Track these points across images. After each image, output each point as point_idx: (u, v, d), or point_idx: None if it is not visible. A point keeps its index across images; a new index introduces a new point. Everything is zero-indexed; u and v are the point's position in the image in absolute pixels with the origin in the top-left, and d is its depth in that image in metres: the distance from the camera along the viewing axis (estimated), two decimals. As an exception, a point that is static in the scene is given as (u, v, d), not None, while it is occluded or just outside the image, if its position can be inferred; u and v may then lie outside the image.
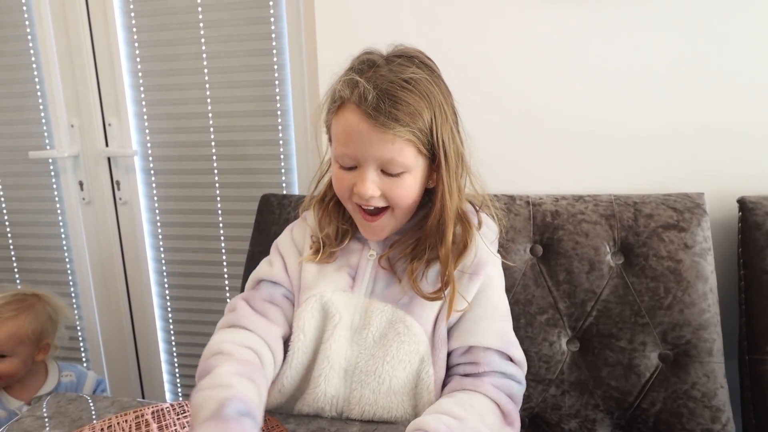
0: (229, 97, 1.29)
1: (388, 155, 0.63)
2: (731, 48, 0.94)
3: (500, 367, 0.67)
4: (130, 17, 1.30)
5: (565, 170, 1.03)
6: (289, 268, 0.75)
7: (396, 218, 0.69)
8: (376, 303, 0.70)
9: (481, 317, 0.68)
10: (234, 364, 0.62)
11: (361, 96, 0.61)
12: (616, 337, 0.89)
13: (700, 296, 0.87)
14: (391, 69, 0.63)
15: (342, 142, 0.65)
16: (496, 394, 0.65)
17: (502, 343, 0.68)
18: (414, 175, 0.66)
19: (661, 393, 0.86)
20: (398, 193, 0.66)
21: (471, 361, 0.67)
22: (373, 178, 0.65)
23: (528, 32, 1.00)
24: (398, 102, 0.61)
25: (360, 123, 0.62)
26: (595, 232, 0.91)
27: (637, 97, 0.98)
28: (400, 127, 0.61)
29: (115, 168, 1.40)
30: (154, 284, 1.47)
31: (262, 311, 0.71)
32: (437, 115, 0.64)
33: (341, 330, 0.70)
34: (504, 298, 0.73)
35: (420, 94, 0.63)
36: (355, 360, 0.69)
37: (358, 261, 0.73)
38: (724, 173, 0.97)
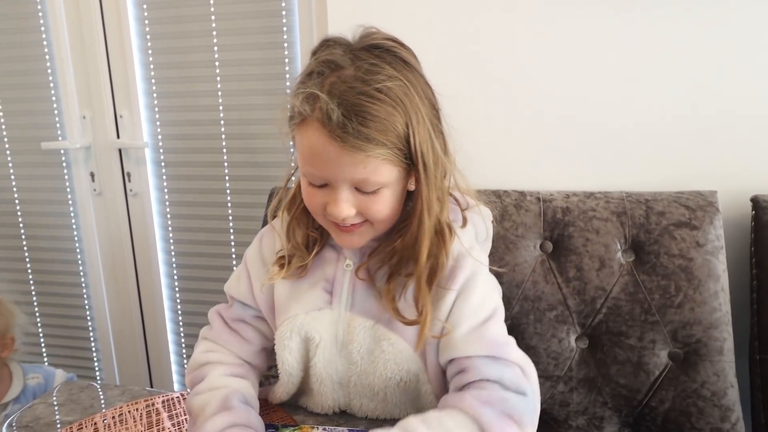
0: (240, 90, 1.29)
1: (361, 176, 0.55)
2: (745, 44, 0.93)
3: (493, 372, 0.58)
4: (143, 9, 1.30)
5: (576, 167, 1.02)
6: (255, 290, 0.69)
7: (375, 229, 0.62)
8: (358, 318, 0.65)
9: (458, 326, 0.61)
10: (224, 367, 0.66)
11: (324, 114, 0.52)
12: (625, 334, 0.88)
13: (712, 295, 0.86)
14: (358, 75, 0.54)
15: (308, 162, 0.57)
16: (476, 410, 0.54)
17: (487, 347, 0.60)
18: (392, 187, 0.58)
19: (671, 391, 0.86)
20: (376, 209, 0.59)
21: (459, 370, 0.60)
22: (347, 198, 0.57)
23: (539, 27, 0.99)
24: (368, 118, 0.52)
25: (326, 144, 0.53)
26: (606, 229, 0.91)
27: (650, 93, 0.97)
28: (372, 147, 0.53)
29: (126, 160, 1.41)
30: (164, 275, 1.48)
31: (236, 329, 0.70)
32: (413, 122, 0.55)
33: (325, 349, 0.66)
34: (486, 298, 0.63)
35: (393, 102, 0.54)
36: (347, 374, 0.67)
37: (334, 273, 0.66)
38: (738, 171, 0.96)
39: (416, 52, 0.67)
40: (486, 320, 0.62)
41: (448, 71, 1.02)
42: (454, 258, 0.63)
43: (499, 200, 0.96)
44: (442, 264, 0.61)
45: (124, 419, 0.69)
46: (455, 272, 0.62)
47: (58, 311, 1.57)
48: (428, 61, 0.68)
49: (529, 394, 0.58)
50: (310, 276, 0.67)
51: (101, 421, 0.68)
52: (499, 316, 0.64)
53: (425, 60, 0.68)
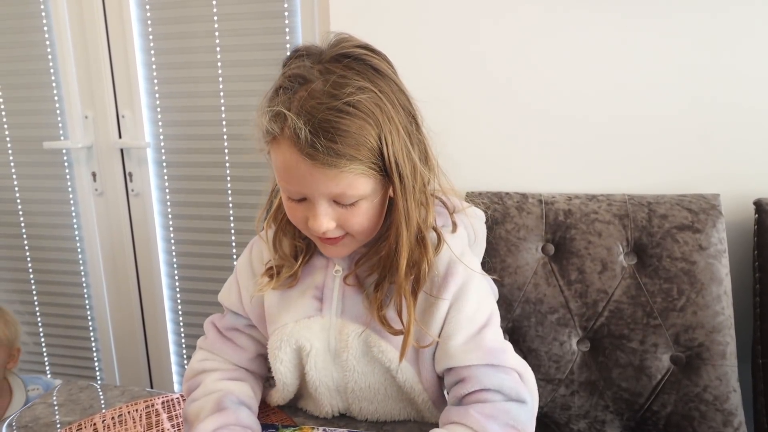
0: (242, 90, 1.29)
1: (337, 190, 0.55)
2: (748, 47, 0.93)
3: (492, 381, 0.57)
4: (145, 10, 1.30)
5: (578, 169, 1.02)
6: (245, 300, 0.69)
7: (357, 240, 0.62)
8: (349, 324, 0.64)
9: (454, 335, 0.60)
10: (220, 373, 0.66)
11: (293, 133, 0.52)
12: (627, 338, 0.88)
13: (714, 298, 0.86)
14: (326, 90, 0.52)
15: (284, 178, 0.56)
16: (482, 425, 0.54)
17: (484, 355, 0.59)
18: (370, 199, 0.58)
19: (673, 395, 0.86)
20: (355, 221, 0.58)
21: (457, 379, 0.60)
22: (326, 212, 0.57)
23: (543, 30, 0.99)
24: (338, 134, 0.51)
25: (298, 162, 0.53)
26: (608, 232, 0.90)
27: (653, 96, 0.97)
28: (344, 162, 0.52)
29: (128, 160, 1.41)
30: (165, 276, 1.48)
31: (231, 338, 0.71)
32: (386, 133, 0.54)
33: (318, 357, 0.65)
34: (481, 305, 0.63)
35: (363, 115, 0.53)
36: (343, 381, 0.66)
37: (324, 280, 0.65)
38: (741, 174, 0.96)
39: (417, 54, 0.66)
40: (482, 328, 0.61)
41: (449, 73, 1.02)
42: (445, 266, 0.62)
43: (500, 202, 0.96)
44: (424, 273, 0.60)
45: (123, 420, 0.69)
46: (447, 280, 0.61)
47: (58, 311, 1.57)
48: (429, 63, 0.67)
49: (529, 401, 0.58)
50: (300, 284, 0.66)
51: (101, 421, 0.68)
52: (494, 321, 0.63)
53: (426, 62, 0.67)
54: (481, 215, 0.76)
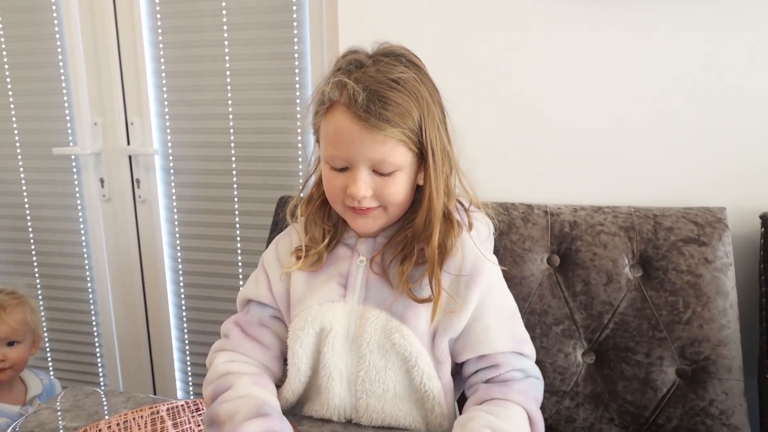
0: (250, 99, 1.30)
1: (380, 156, 0.62)
2: (755, 58, 0.93)
3: (519, 364, 0.66)
4: (156, 18, 1.32)
5: (584, 181, 1.02)
6: (274, 286, 0.73)
7: (388, 215, 0.67)
8: (371, 310, 0.67)
9: (489, 325, 0.67)
10: (250, 377, 0.67)
11: (351, 98, 0.60)
12: (633, 350, 0.88)
13: (720, 312, 0.86)
14: (379, 69, 0.62)
15: (333, 144, 0.64)
16: (525, 402, 0.64)
17: (515, 343, 0.67)
18: (405, 172, 0.65)
19: (678, 409, 0.85)
20: (390, 191, 0.64)
21: (490, 364, 0.66)
22: (365, 179, 0.63)
23: (549, 43, 0.99)
24: (388, 102, 0.60)
25: (351, 125, 0.61)
26: (614, 244, 0.90)
27: (659, 108, 0.97)
28: (391, 128, 0.60)
29: (136, 166, 1.42)
30: (170, 282, 1.48)
31: (255, 336, 0.72)
32: (425, 114, 0.63)
33: (336, 341, 0.68)
34: (507, 297, 0.71)
35: (408, 93, 0.62)
36: (356, 369, 0.68)
37: (348, 268, 0.70)
38: (747, 188, 0.96)
39: (427, 65, 0.70)
40: (511, 317, 0.69)
41: (456, 85, 1.03)
42: (466, 251, 0.68)
43: (506, 213, 0.96)
44: (450, 247, 0.66)
45: (128, 426, 0.69)
46: (473, 270, 0.67)
47: (64, 316, 1.58)
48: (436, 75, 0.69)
49: (541, 378, 0.70)
50: (325, 271, 0.71)
51: (106, 427, 0.68)
52: (517, 312, 0.71)
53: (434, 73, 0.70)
54: (489, 225, 0.77)
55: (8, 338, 1.13)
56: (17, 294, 1.19)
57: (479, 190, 0.72)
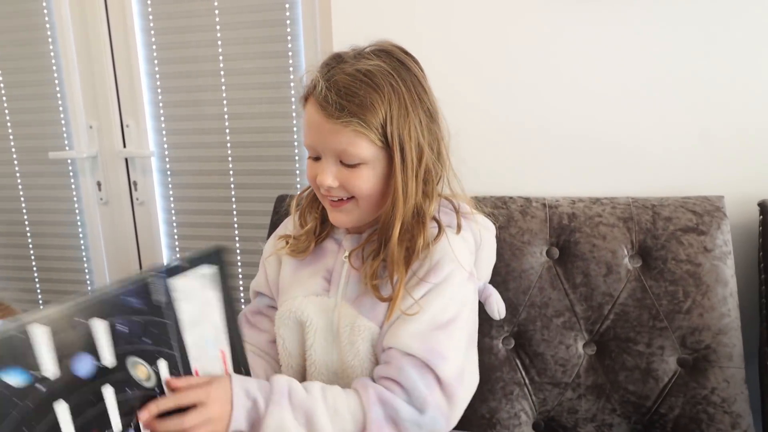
0: (245, 98, 1.30)
1: (340, 146, 0.63)
2: (752, 48, 0.93)
3: (407, 381, 0.61)
4: (148, 20, 1.31)
5: (581, 172, 1.02)
6: (269, 275, 0.77)
7: (361, 208, 0.67)
8: (346, 306, 0.69)
9: (413, 320, 0.64)
10: None
11: (317, 89, 0.63)
12: (633, 341, 0.88)
13: (720, 300, 0.86)
14: (350, 62, 0.64)
15: (306, 134, 0.67)
16: (372, 407, 0.59)
17: (424, 350, 0.62)
18: (372, 167, 0.64)
19: (680, 398, 0.85)
20: (356, 184, 0.65)
21: (387, 360, 0.64)
22: (331, 169, 0.65)
23: (546, 36, 0.99)
24: (348, 93, 0.61)
25: (315, 114, 0.64)
26: (613, 235, 0.90)
27: (656, 98, 0.97)
28: (348, 117, 0.61)
29: (133, 169, 1.42)
30: (170, 284, 1.48)
31: (255, 323, 0.79)
32: (393, 109, 0.62)
33: (319, 335, 0.70)
34: (452, 309, 0.66)
35: (375, 86, 0.62)
36: (340, 363, 0.69)
37: (334, 264, 0.72)
38: (745, 176, 0.96)
39: (422, 61, 0.70)
40: (438, 328, 0.64)
41: (452, 81, 1.03)
42: (437, 258, 0.66)
43: (504, 206, 0.96)
44: (419, 248, 0.65)
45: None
46: (434, 271, 0.66)
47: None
48: (433, 71, 0.69)
49: (429, 413, 0.61)
50: (313, 264, 0.73)
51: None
52: (454, 328, 0.65)
53: (430, 69, 0.70)
54: (491, 227, 0.78)
55: None
56: (3, 304, 1.13)
57: (477, 185, 0.73)
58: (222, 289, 0.61)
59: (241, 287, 1.42)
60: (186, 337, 0.57)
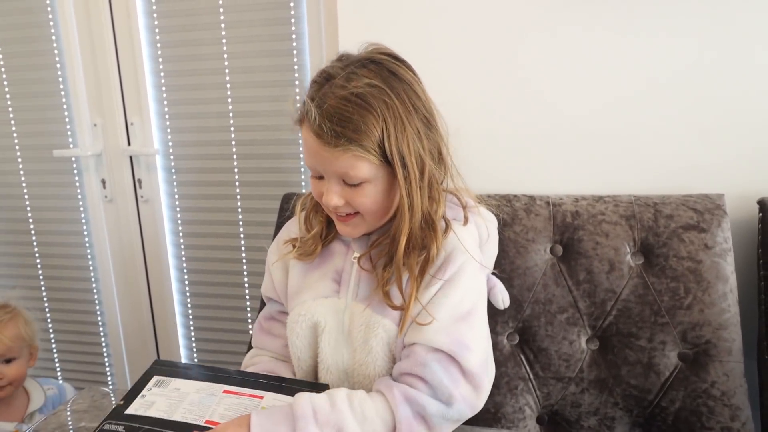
0: (250, 96, 1.31)
1: (341, 170, 0.63)
2: (750, 47, 0.94)
3: (431, 376, 0.61)
4: (153, 18, 1.32)
5: (584, 171, 1.03)
6: (276, 282, 0.77)
7: (367, 221, 0.69)
8: (359, 306, 0.69)
9: (434, 314, 0.64)
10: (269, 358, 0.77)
11: (310, 116, 0.62)
12: (635, 336, 0.90)
13: (720, 296, 0.88)
14: (344, 85, 0.61)
15: (306, 156, 0.67)
16: (399, 406, 0.60)
17: (449, 343, 0.62)
18: (375, 183, 0.65)
19: (681, 391, 0.87)
20: (361, 201, 0.65)
21: (408, 356, 0.64)
22: (336, 189, 0.65)
23: (548, 36, 1.00)
24: (342, 119, 0.60)
25: (312, 140, 0.63)
26: (615, 233, 0.92)
27: (657, 98, 0.99)
28: (346, 144, 0.61)
29: (137, 167, 1.42)
30: (175, 281, 1.49)
31: (269, 329, 0.80)
32: (389, 126, 0.61)
33: (331, 335, 0.70)
34: (469, 300, 0.67)
35: (369, 108, 0.60)
36: (351, 362, 0.70)
37: (343, 265, 0.72)
38: (744, 174, 0.98)
39: (425, 62, 0.70)
40: (460, 318, 0.65)
41: (457, 78, 1.04)
42: (448, 251, 0.67)
43: (509, 204, 0.97)
44: (433, 256, 0.66)
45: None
46: (446, 265, 0.66)
47: (69, 317, 1.59)
48: (438, 71, 0.70)
49: (455, 406, 0.61)
50: (321, 267, 0.73)
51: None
52: (474, 318, 0.66)
53: (435, 69, 0.70)
54: (493, 219, 0.79)
55: (4, 355, 1.10)
56: (9, 307, 1.14)
57: (482, 183, 0.73)
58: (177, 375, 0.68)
59: (246, 283, 1.43)
60: (175, 418, 0.61)
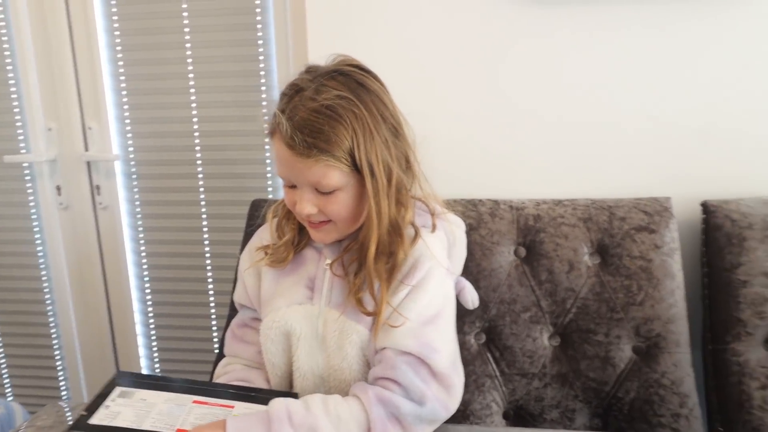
0: (216, 101, 1.30)
1: (314, 179, 0.66)
2: (692, 56, 1.02)
3: (403, 378, 0.63)
4: (112, 20, 1.28)
5: (545, 176, 1.09)
6: (249, 288, 0.78)
7: (339, 228, 0.71)
8: (332, 312, 0.71)
9: (402, 320, 0.67)
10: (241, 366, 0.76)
11: (282, 129, 0.64)
12: (593, 331, 0.95)
13: (669, 292, 0.94)
14: (313, 97, 0.64)
15: (278, 166, 0.69)
16: (373, 407, 0.62)
17: (419, 346, 0.65)
18: (347, 191, 0.67)
19: (635, 382, 0.93)
20: (333, 209, 0.68)
21: (381, 360, 0.66)
22: (309, 198, 0.67)
23: (509, 44, 1.05)
24: (313, 131, 0.63)
25: (284, 151, 0.65)
26: (574, 235, 0.97)
27: (610, 109, 1.05)
28: (317, 154, 0.63)
29: (96, 172, 1.38)
30: (136, 290, 1.45)
31: (241, 336, 0.79)
32: (359, 136, 0.64)
33: (305, 342, 0.71)
34: (436, 304, 0.69)
35: (339, 119, 0.63)
36: (326, 368, 0.71)
37: (315, 271, 0.74)
38: (689, 178, 1.05)
39: (391, 72, 0.73)
40: (427, 323, 0.67)
41: (426, 91, 1.07)
42: (415, 258, 0.69)
43: (474, 209, 1.01)
44: (400, 262, 0.68)
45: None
46: (413, 271, 0.69)
47: (20, 330, 1.51)
48: (406, 81, 0.73)
49: (428, 405, 0.63)
50: (294, 273, 0.74)
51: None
52: (441, 321, 0.69)
53: (401, 79, 0.73)
54: (460, 223, 0.82)
55: None
56: None
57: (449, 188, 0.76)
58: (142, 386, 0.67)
59: (211, 291, 1.41)
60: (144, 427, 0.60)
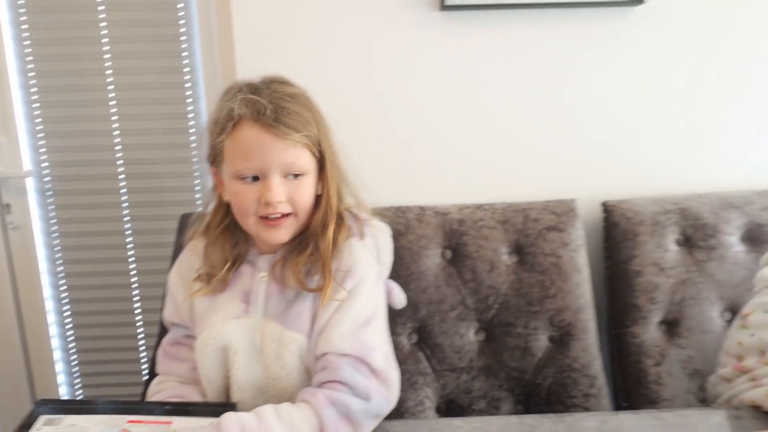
0: (139, 114, 1.26)
1: (291, 159, 0.69)
2: (593, 77, 1.15)
3: (347, 378, 0.66)
4: (20, 30, 1.22)
5: (467, 182, 1.17)
6: (180, 308, 0.77)
7: (298, 222, 0.73)
8: (269, 323, 0.72)
9: (339, 323, 0.69)
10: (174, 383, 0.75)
11: (259, 111, 0.68)
12: (514, 324, 1.03)
13: (577, 285, 1.05)
14: (274, 90, 0.71)
15: (243, 157, 0.69)
16: (324, 409, 0.64)
17: (357, 348, 0.68)
18: (310, 177, 0.72)
19: (551, 368, 1.02)
20: (301, 195, 0.71)
21: (325, 366, 0.68)
22: (279, 185, 0.69)
23: (427, 58, 1.12)
24: (291, 113, 0.69)
25: (261, 135, 0.68)
26: (494, 236, 1.06)
27: (523, 121, 1.15)
28: (296, 134, 0.69)
29: (5, 190, 1.29)
30: (53, 312, 1.36)
31: (174, 354, 0.79)
32: (320, 125, 0.73)
33: (243, 355, 0.72)
34: (369, 308, 0.73)
35: (304, 106, 0.72)
36: (264, 378, 0.72)
37: (250, 285, 0.74)
38: (592, 181, 1.17)
39: (318, 84, 0.78)
40: (363, 324, 0.71)
41: (350, 104, 1.12)
42: (350, 263, 0.73)
43: (402, 215, 1.07)
44: (340, 241, 0.73)
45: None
46: (349, 276, 0.72)
47: None
48: (330, 93, 0.78)
49: (374, 400, 0.66)
50: (229, 290, 0.74)
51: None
52: (376, 323, 0.72)
53: (327, 91, 0.78)
54: (385, 228, 0.87)
55: None
56: None
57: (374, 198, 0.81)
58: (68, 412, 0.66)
59: (139, 308, 1.36)
60: None
